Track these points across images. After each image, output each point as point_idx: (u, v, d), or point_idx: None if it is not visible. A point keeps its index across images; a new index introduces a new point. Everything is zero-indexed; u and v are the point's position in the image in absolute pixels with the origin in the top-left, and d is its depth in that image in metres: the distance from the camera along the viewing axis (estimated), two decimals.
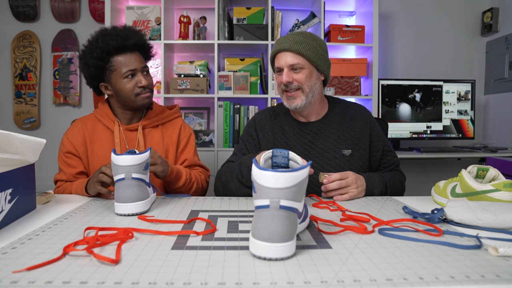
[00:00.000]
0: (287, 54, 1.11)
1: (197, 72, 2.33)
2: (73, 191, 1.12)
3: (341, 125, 1.21)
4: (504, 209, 0.73)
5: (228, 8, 2.37)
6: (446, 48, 2.74)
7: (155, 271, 0.52)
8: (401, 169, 1.27)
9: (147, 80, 1.19)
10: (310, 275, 0.51)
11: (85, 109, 2.63)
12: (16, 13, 2.55)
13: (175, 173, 1.12)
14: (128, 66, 1.16)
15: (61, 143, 1.22)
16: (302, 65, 1.11)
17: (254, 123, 1.28)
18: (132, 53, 1.18)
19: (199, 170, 1.32)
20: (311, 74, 1.13)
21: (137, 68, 1.17)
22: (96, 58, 1.14)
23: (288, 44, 1.10)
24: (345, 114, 1.23)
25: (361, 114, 1.23)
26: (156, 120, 1.28)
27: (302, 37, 1.11)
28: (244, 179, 1.08)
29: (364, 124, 1.21)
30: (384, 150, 1.23)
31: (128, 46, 1.16)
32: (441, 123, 2.47)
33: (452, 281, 0.49)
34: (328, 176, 1.01)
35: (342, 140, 1.18)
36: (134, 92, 1.17)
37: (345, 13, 2.63)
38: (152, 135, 1.26)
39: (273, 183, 0.55)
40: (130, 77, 1.17)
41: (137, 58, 1.18)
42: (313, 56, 1.11)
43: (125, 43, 1.15)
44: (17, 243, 0.64)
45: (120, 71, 1.16)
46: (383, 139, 1.24)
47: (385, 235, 0.69)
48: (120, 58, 1.16)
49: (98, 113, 1.26)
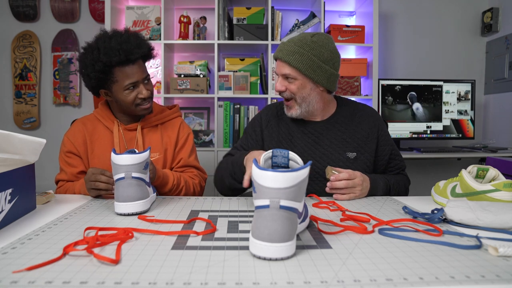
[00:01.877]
0: (281, 63, 1.10)
1: (197, 72, 2.33)
2: (76, 190, 1.12)
3: (348, 126, 1.19)
4: (504, 209, 0.73)
5: (228, 8, 2.37)
6: (446, 48, 2.74)
7: (155, 271, 0.52)
8: (407, 173, 1.27)
9: (148, 89, 1.18)
10: (310, 275, 0.51)
11: (85, 109, 2.63)
12: (16, 13, 2.55)
13: (161, 179, 1.10)
14: (130, 79, 1.13)
15: (62, 143, 1.23)
16: (295, 76, 1.09)
17: (260, 118, 1.26)
18: (135, 64, 1.14)
19: (194, 173, 1.29)
20: (304, 86, 1.10)
21: (139, 80, 1.15)
22: (98, 71, 1.11)
23: (281, 53, 1.08)
24: (353, 116, 1.21)
25: (370, 117, 1.21)
26: (155, 120, 1.28)
27: (298, 46, 1.06)
28: (236, 176, 1.06)
29: (372, 127, 1.19)
30: (392, 154, 1.22)
31: (132, 59, 1.12)
32: (441, 123, 2.47)
33: (452, 281, 0.49)
34: (336, 174, 1.00)
35: (348, 142, 1.17)
36: (135, 103, 1.17)
37: (345, 13, 2.63)
38: (151, 134, 1.26)
39: (273, 183, 0.55)
40: (132, 89, 1.15)
41: (139, 69, 1.15)
42: (305, 68, 1.06)
43: (128, 57, 1.11)
44: (17, 243, 0.64)
45: (122, 84, 1.13)
46: (391, 143, 1.22)
47: (385, 235, 0.69)
48: (122, 70, 1.12)
49: (98, 113, 1.26)
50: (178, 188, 1.18)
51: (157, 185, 1.11)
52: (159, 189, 1.14)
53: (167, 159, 1.27)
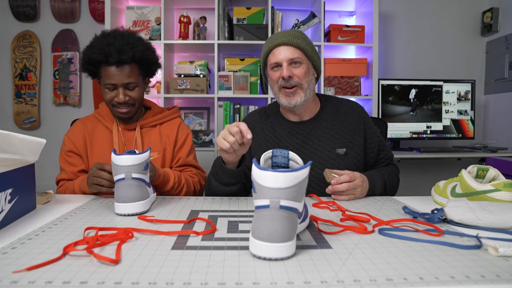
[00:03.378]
0: (286, 48, 1.10)
1: (197, 72, 2.33)
2: (76, 186, 1.12)
3: (334, 123, 1.19)
4: (504, 209, 0.73)
5: (228, 8, 2.37)
6: (446, 48, 2.74)
7: (155, 271, 0.52)
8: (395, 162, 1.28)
9: (128, 95, 1.16)
10: (310, 275, 0.51)
11: (85, 109, 2.63)
12: (16, 13, 2.55)
13: (162, 177, 1.10)
14: (109, 79, 1.13)
15: (62, 143, 1.24)
16: (301, 60, 1.10)
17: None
18: (118, 67, 1.13)
19: (193, 172, 1.29)
20: (309, 70, 1.12)
21: (118, 83, 1.14)
22: (87, 63, 1.17)
23: (287, 38, 1.09)
24: (338, 112, 1.21)
25: (354, 111, 1.21)
26: (154, 120, 1.28)
27: (298, 32, 1.12)
28: (218, 176, 1.05)
29: (358, 120, 1.20)
30: (380, 145, 1.22)
31: (111, 62, 1.12)
32: (441, 123, 2.47)
33: (452, 281, 0.49)
34: (337, 177, 1.00)
35: (336, 138, 1.17)
36: (111, 103, 1.18)
37: (345, 13, 2.63)
38: (150, 134, 1.27)
39: (273, 183, 0.55)
40: (110, 90, 1.16)
41: (121, 73, 1.13)
42: (310, 50, 1.11)
43: (108, 59, 1.11)
44: (17, 243, 0.64)
45: (103, 80, 1.16)
46: (378, 135, 1.23)
47: (385, 235, 0.69)
48: (105, 69, 1.14)
49: (98, 113, 1.28)
50: (179, 186, 1.18)
51: (158, 184, 1.11)
52: (161, 188, 1.13)
53: (166, 159, 1.27)
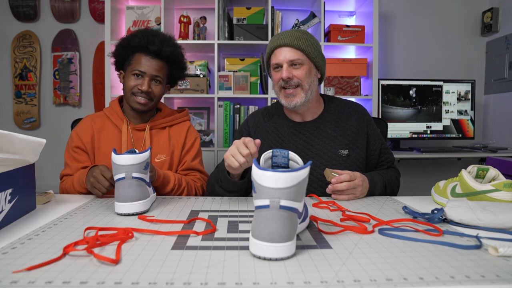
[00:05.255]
0: (286, 49, 1.10)
1: (197, 72, 2.33)
2: (75, 178, 1.12)
3: (337, 124, 1.19)
4: (504, 209, 0.73)
5: (228, 8, 2.37)
6: (446, 48, 2.74)
7: (155, 271, 0.52)
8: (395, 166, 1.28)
9: (151, 88, 1.19)
10: (310, 275, 0.51)
11: (85, 109, 2.63)
12: (16, 13, 2.54)
13: (162, 178, 1.10)
14: (140, 66, 1.19)
15: (69, 138, 1.24)
16: (302, 61, 1.10)
17: (247, 125, 1.25)
18: (155, 59, 1.20)
19: (197, 176, 1.29)
20: (310, 71, 1.12)
21: (147, 72, 1.18)
22: (120, 46, 1.22)
23: (287, 39, 1.09)
24: (342, 113, 1.21)
25: (358, 113, 1.21)
26: (164, 122, 1.29)
27: (300, 33, 1.11)
28: (223, 184, 1.05)
29: (361, 123, 1.20)
30: (382, 148, 1.23)
31: (151, 50, 1.18)
32: (441, 123, 2.47)
33: (452, 281, 0.49)
34: (337, 176, 1.00)
35: (339, 140, 1.17)
36: (132, 91, 1.19)
37: (345, 13, 2.63)
38: (159, 136, 1.27)
39: (273, 183, 0.55)
40: (136, 76, 1.19)
41: (153, 64, 1.19)
42: (312, 52, 1.11)
43: (148, 47, 1.18)
44: (17, 243, 0.64)
45: (132, 67, 1.19)
46: (380, 137, 1.23)
47: (385, 235, 0.69)
48: (139, 57, 1.19)
49: (108, 111, 1.27)
50: (179, 189, 1.18)
51: (158, 185, 1.11)
52: (161, 189, 1.13)
53: (174, 161, 1.27)
